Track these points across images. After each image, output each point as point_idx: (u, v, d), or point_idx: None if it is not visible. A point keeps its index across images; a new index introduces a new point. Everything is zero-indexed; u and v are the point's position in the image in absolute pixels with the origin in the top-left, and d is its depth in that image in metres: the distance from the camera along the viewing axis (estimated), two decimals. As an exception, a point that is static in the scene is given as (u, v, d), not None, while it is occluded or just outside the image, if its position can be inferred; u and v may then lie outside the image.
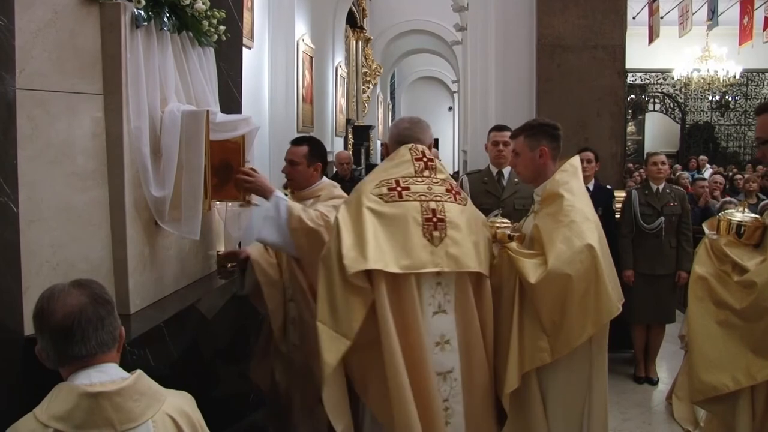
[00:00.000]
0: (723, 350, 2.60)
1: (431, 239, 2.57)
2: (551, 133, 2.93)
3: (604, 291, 2.59)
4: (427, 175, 2.70)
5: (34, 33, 2.27)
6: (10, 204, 2.14)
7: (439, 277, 2.59)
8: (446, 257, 2.57)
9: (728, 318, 2.60)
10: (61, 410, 1.54)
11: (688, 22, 11.06)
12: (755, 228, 2.67)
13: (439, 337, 2.59)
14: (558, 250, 2.61)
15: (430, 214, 2.60)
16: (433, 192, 2.66)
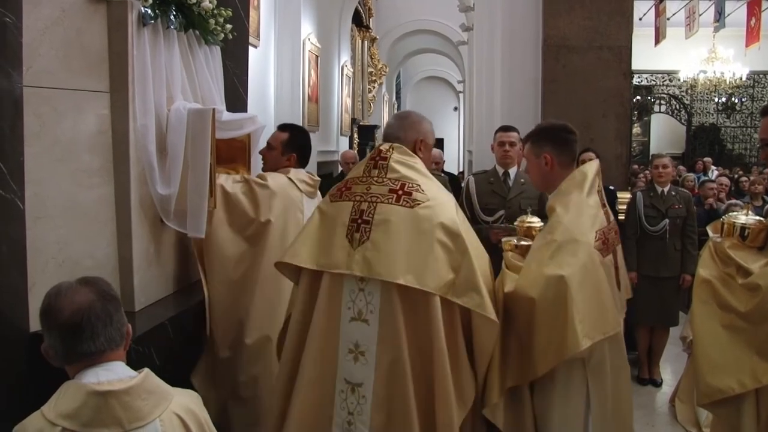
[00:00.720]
0: (728, 353, 2.59)
1: (351, 240, 2.44)
2: (557, 137, 2.73)
3: (570, 325, 2.36)
4: (374, 174, 2.54)
5: (41, 31, 2.28)
6: (17, 201, 2.14)
7: (362, 282, 2.41)
8: (361, 261, 2.39)
9: (733, 321, 2.59)
10: (69, 408, 1.54)
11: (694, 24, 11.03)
12: (759, 230, 2.66)
13: (352, 345, 2.42)
14: (528, 270, 2.51)
15: (357, 214, 2.46)
16: (370, 192, 2.50)
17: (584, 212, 2.57)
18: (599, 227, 2.57)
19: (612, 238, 2.65)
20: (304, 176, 3.38)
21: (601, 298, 2.49)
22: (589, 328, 2.40)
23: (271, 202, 3.18)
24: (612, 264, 2.62)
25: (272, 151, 3.42)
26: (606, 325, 2.48)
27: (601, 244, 2.54)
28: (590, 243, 2.49)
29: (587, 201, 2.60)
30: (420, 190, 2.49)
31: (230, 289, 3.13)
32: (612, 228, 2.68)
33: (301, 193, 3.32)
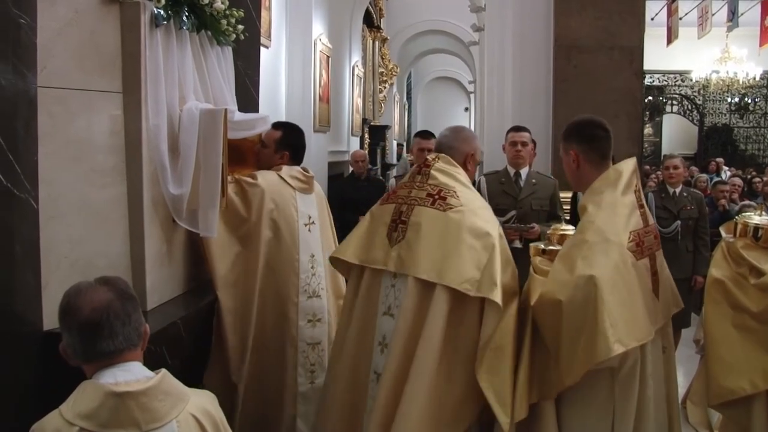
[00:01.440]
0: (740, 353, 2.58)
1: (390, 239, 2.62)
2: (584, 133, 2.65)
3: (600, 328, 2.25)
4: (417, 180, 2.72)
5: (55, 32, 2.30)
6: (30, 200, 2.16)
7: (395, 279, 2.58)
8: (396, 258, 2.57)
9: (745, 321, 2.59)
10: (86, 409, 1.55)
11: (707, 23, 10.96)
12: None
13: (381, 337, 2.58)
14: (556, 272, 2.44)
15: (397, 216, 2.65)
16: (410, 196, 2.67)
17: (618, 212, 2.46)
18: (634, 228, 2.45)
19: (649, 241, 2.52)
20: (296, 172, 3.38)
21: (634, 303, 2.36)
22: (621, 334, 2.27)
23: (263, 200, 3.19)
24: (648, 269, 2.49)
25: (265, 149, 3.44)
26: (640, 332, 2.34)
27: (635, 245, 2.42)
28: (623, 244, 2.39)
29: (622, 200, 2.48)
30: (455, 195, 2.62)
31: (232, 291, 3.15)
32: (650, 231, 2.55)
33: (293, 189, 3.32)
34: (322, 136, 8.75)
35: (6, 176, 2.04)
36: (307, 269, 3.28)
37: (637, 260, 2.41)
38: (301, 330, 3.25)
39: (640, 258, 2.43)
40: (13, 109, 2.08)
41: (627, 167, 2.56)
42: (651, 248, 2.52)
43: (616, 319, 2.27)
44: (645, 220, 2.54)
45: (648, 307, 2.41)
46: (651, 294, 2.47)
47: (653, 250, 2.54)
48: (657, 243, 2.60)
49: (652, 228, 2.57)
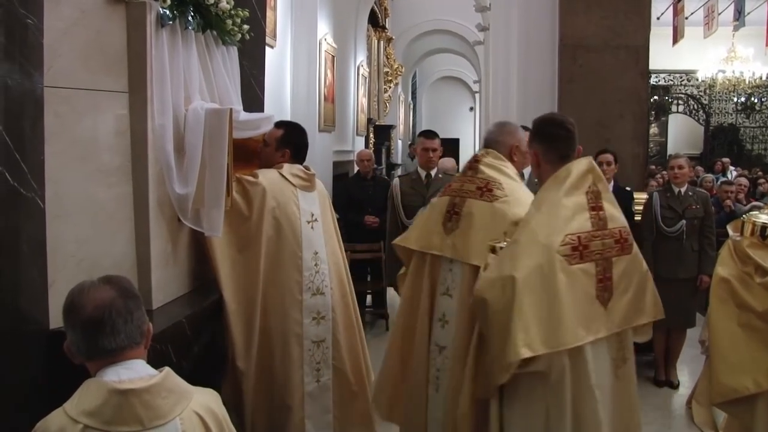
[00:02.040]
0: (744, 353, 2.58)
1: (445, 228, 2.91)
2: (543, 132, 2.64)
3: (512, 331, 2.25)
4: (468, 174, 2.99)
5: (62, 31, 2.31)
6: (37, 199, 2.17)
7: (451, 263, 2.89)
8: (451, 245, 2.88)
9: (750, 320, 2.59)
10: (90, 406, 1.56)
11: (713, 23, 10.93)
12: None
13: (441, 314, 2.91)
14: (489, 270, 2.45)
15: (451, 207, 2.93)
16: (462, 189, 2.95)
17: (556, 213, 2.41)
18: (575, 231, 2.39)
19: (599, 245, 2.43)
20: (298, 170, 3.39)
21: (556, 307, 2.30)
22: (533, 338, 2.25)
23: (264, 198, 3.19)
24: (592, 274, 2.40)
25: (267, 147, 3.45)
26: (557, 339, 2.28)
27: (570, 249, 2.35)
28: (552, 246, 2.33)
29: (564, 201, 2.43)
30: (501, 187, 2.88)
31: (236, 290, 3.15)
32: (605, 235, 2.46)
33: (294, 187, 3.33)
34: (327, 135, 8.76)
35: (13, 175, 2.05)
36: (311, 267, 3.29)
37: (570, 264, 2.34)
38: (306, 328, 3.25)
39: (576, 262, 2.36)
40: (20, 108, 2.09)
41: (578, 167, 2.50)
42: (602, 253, 2.43)
43: (529, 322, 2.25)
44: (598, 223, 2.45)
45: (582, 313, 2.35)
46: (593, 300, 2.39)
47: (607, 256, 2.44)
48: (620, 248, 2.49)
49: (611, 232, 2.48)
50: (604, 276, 2.42)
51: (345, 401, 3.37)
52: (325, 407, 3.30)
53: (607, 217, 2.48)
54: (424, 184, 4.71)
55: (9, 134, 2.03)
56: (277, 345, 3.21)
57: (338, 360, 3.35)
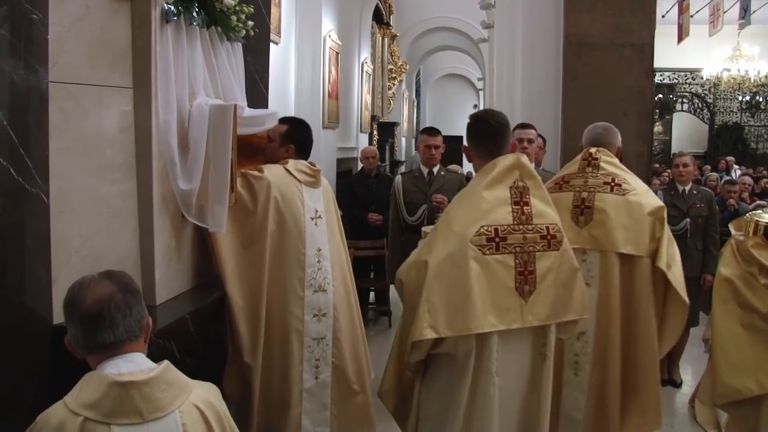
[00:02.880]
0: (748, 353, 2.58)
1: (577, 222, 3.13)
2: (474, 128, 2.71)
3: (420, 312, 2.37)
4: (588, 171, 3.24)
5: (67, 27, 2.31)
6: (41, 195, 2.18)
7: (584, 254, 3.09)
8: (588, 237, 3.10)
9: (753, 321, 2.58)
10: (90, 399, 1.57)
11: (718, 21, 10.90)
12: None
13: None
14: (412, 254, 2.61)
15: (579, 202, 3.15)
16: (588, 184, 3.19)
17: (474, 205, 2.50)
18: (492, 223, 2.46)
19: (516, 239, 2.50)
20: (303, 166, 3.38)
21: (464, 294, 2.39)
22: (438, 321, 2.36)
23: (269, 192, 3.18)
24: (512, 266, 2.48)
25: (271, 143, 3.45)
26: (463, 323, 2.38)
27: (485, 240, 2.43)
28: (466, 236, 2.42)
29: (483, 194, 2.51)
30: (626, 182, 3.20)
31: (240, 286, 3.14)
32: (528, 230, 2.53)
33: (299, 182, 3.32)
34: (331, 132, 8.76)
35: (17, 171, 2.05)
36: (313, 263, 3.28)
37: (484, 254, 2.42)
38: (307, 325, 3.25)
39: (491, 253, 2.44)
40: (25, 104, 2.09)
41: (504, 162, 2.56)
42: (522, 246, 2.50)
43: (436, 306, 2.37)
44: (520, 217, 2.52)
45: (496, 303, 2.42)
46: (510, 291, 2.46)
47: (529, 250, 2.51)
48: (546, 244, 2.55)
49: (536, 227, 2.54)
50: (525, 269, 2.49)
51: (344, 399, 3.36)
52: (323, 404, 3.30)
53: (534, 213, 2.55)
54: (426, 182, 4.71)
55: (14, 129, 2.03)
56: (277, 340, 3.21)
57: (338, 358, 3.35)
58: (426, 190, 4.68)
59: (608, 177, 3.21)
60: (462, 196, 2.60)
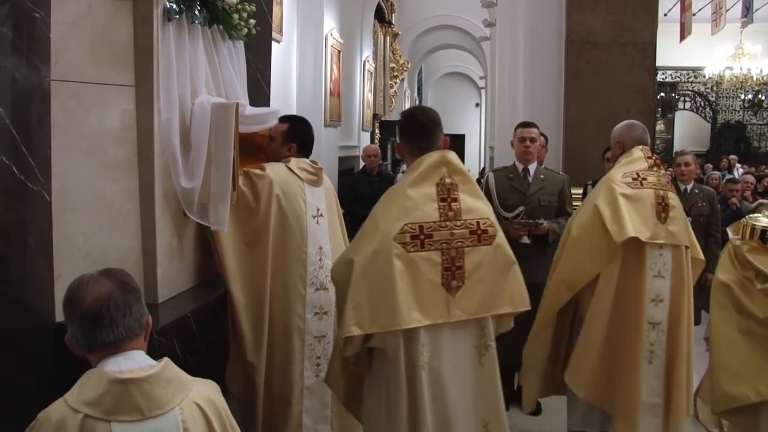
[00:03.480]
0: (746, 360, 2.58)
1: (659, 219, 3.31)
2: (404, 124, 2.76)
3: (346, 309, 2.44)
4: (655, 170, 3.44)
5: (69, 26, 2.32)
6: (44, 193, 2.18)
7: (660, 249, 3.32)
8: (667, 233, 3.31)
9: (751, 327, 2.58)
10: (91, 396, 1.57)
11: (721, 19, 10.88)
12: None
13: (654, 295, 3.29)
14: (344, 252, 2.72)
15: (660, 199, 3.35)
16: (660, 183, 3.40)
17: (398, 203, 2.54)
18: (417, 221, 2.49)
19: (443, 235, 2.52)
20: (305, 164, 3.37)
21: (388, 291, 2.42)
22: (363, 318, 2.42)
23: (271, 190, 3.18)
24: (438, 262, 2.51)
25: (273, 142, 3.45)
26: (388, 320, 2.42)
27: (409, 237, 2.47)
28: (390, 234, 2.46)
29: (407, 192, 2.54)
30: None
31: (243, 285, 3.14)
32: (456, 225, 2.55)
33: (301, 180, 3.31)
34: (333, 131, 8.76)
35: (20, 169, 2.06)
36: (315, 261, 3.28)
37: (408, 251, 2.46)
38: (308, 323, 3.25)
39: (416, 250, 2.47)
40: (28, 102, 2.10)
41: (429, 160, 2.58)
42: (449, 242, 2.52)
43: (361, 303, 2.42)
44: (447, 214, 2.54)
45: (421, 298, 2.46)
46: (436, 287, 2.49)
47: (457, 245, 2.54)
48: (477, 239, 2.58)
49: (465, 223, 2.57)
50: (452, 265, 2.52)
51: None
52: (323, 402, 3.30)
53: (463, 209, 2.57)
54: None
55: (16, 128, 2.04)
56: (279, 338, 3.21)
57: None
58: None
59: (666, 177, 3.49)
60: (388, 195, 2.62)
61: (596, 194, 3.44)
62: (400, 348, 2.46)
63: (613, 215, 3.27)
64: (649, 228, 3.28)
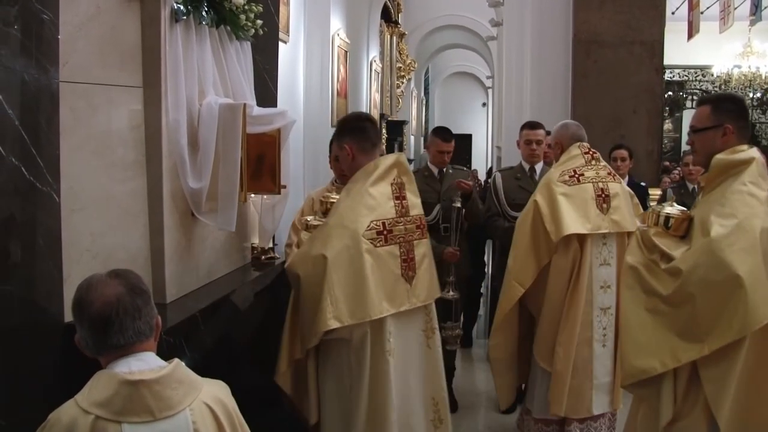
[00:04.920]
0: (652, 336, 2.71)
1: (602, 210, 3.56)
2: (354, 127, 2.95)
3: (323, 304, 2.58)
4: (593, 164, 3.68)
5: (77, 27, 2.32)
6: (53, 193, 2.19)
7: (604, 238, 3.60)
8: (611, 222, 3.57)
9: (656, 305, 2.74)
10: (101, 397, 1.58)
11: (729, 17, 10.81)
12: (682, 220, 2.77)
13: (602, 282, 3.61)
14: (303, 247, 2.82)
15: (600, 192, 3.58)
16: (598, 176, 3.63)
17: (362, 201, 2.74)
18: (379, 218, 2.73)
19: (402, 230, 2.80)
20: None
21: (361, 284, 2.64)
22: (341, 311, 2.60)
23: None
24: (397, 255, 2.76)
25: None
26: (362, 311, 2.64)
27: (375, 233, 2.70)
28: (357, 230, 2.67)
29: (369, 190, 2.77)
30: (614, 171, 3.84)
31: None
32: (409, 221, 2.84)
33: None
34: (340, 131, 8.74)
35: (29, 170, 2.07)
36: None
37: (376, 247, 2.70)
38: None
39: (382, 245, 2.73)
40: (36, 103, 2.11)
41: (385, 162, 2.85)
42: (404, 237, 2.80)
43: (337, 297, 2.61)
44: (401, 210, 2.83)
45: (387, 289, 2.71)
46: (398, 278, 2.76)
47: (409, 239, 2.82)
48: (421, 233, 2.89)
49: (413, 219, 2.87)
50: (407, 257, 2.81)
51: None
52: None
53: (410, 206, 2.88)
54: (437, 180, 4.69)
55: (25, 129, 2.04)
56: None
57: None
58: (438, 188, 4.66)
59: (606, 168, 3.75)
60: (350, 194, 2.79)
61: (535, 193, 3.68)
62: (367, 336, 2.68)
63: (551, 214, 3.55)
64: (590, 220, 3.54)
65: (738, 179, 2.66)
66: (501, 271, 4.00)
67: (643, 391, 2.83)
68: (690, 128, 2.87)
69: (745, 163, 2.68)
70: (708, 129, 2.77)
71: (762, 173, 2.69)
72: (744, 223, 2.56)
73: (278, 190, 3.45)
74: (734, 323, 2.49)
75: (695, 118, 2.84)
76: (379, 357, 2.70)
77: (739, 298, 2.48)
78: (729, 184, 2.67)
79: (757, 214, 2.58)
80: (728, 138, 2.74)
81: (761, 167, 2.71)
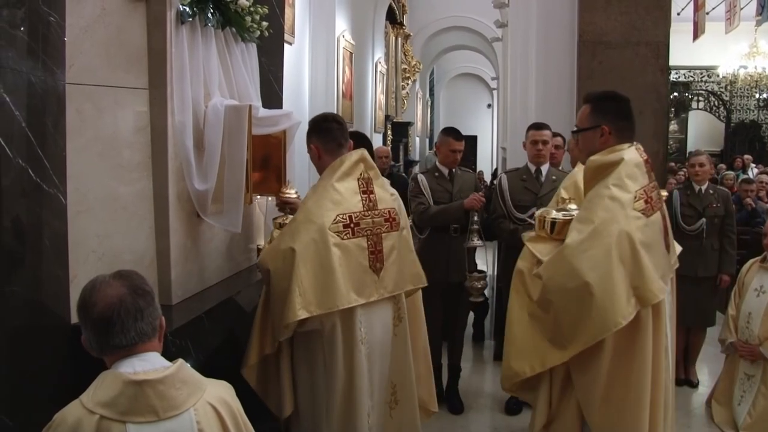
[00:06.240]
0: (529, 340, 2.75)
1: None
2: (321, 127, 2.97)
3: (292, 296, 2.61)
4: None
5: (83, 29, 2.34)
6: (59, 195, 2.20)
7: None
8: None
9: (533, 309, 2.77)
10: (106, 397, 1.58)
11: (735, 18, 10.79)
12: (564, 224, 2.74)
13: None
14: (274, 242, 2.86)
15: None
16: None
17: (326, 196, 2.78)
18: (346, 211, 2.77)
19: (369, 223, 2.84)
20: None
21: (328, 276, 2.68)
22: (309, 302, 2.64)
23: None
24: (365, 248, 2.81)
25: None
26: (330, 301, 2.68)
27: (342, 227, 2.74)
28: (324, 224, 2.71)
29: (334, 186, 2.80)
30: None
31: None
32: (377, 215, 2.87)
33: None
34: (345, 132, 8.75)
35: (35, 171, 2.07)
36: None
37: (343, 239, 2.74)
38: None
39: (349, 238, 2.77)
40: (43, 105, 2.12)
41: (351, 158, 2.88)
42: (372, 229, 2.84)
43: (306, 288, 2.64)
44: (368, 204, 2.87)
45: (356, 280, 2.75)
46: (366, 270, 2.80)
47: (377, 232, 2.86)
48: (389, 226, 2.92)
49: (381, 212, 2.90)
50: (375, 249, 2.85)
51: None
52: None
53: (378, 199, 2.92)
54: (448, 180, 4.68)
55: (32, 130, 2.05)
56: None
57: None
58: (450, 188, 4.65)
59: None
60: (317, 190, 2.84)
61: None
62: (337, 327, 2.74)
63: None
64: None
65: (603, 182, 2.63)
66: (506, 272, 3.97)
67: (525, 394, 2.91)
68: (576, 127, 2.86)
69: (613, 164, 2.64)
70: (587, 129, 2.77)
71: (630, 174, 2.63)
72: (600, 227, 2.55)
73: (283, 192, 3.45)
74: (588, 329, 2.53)
75: (577, 117, 2.83)
76: (351, 346, 2.76)
77: (591, 304, 2.51)
78: (597, 187, 2.64)
79: (616, 218, 2.56)
80: (606, 138, 2.73)
81: (631, 168, 2.64)
